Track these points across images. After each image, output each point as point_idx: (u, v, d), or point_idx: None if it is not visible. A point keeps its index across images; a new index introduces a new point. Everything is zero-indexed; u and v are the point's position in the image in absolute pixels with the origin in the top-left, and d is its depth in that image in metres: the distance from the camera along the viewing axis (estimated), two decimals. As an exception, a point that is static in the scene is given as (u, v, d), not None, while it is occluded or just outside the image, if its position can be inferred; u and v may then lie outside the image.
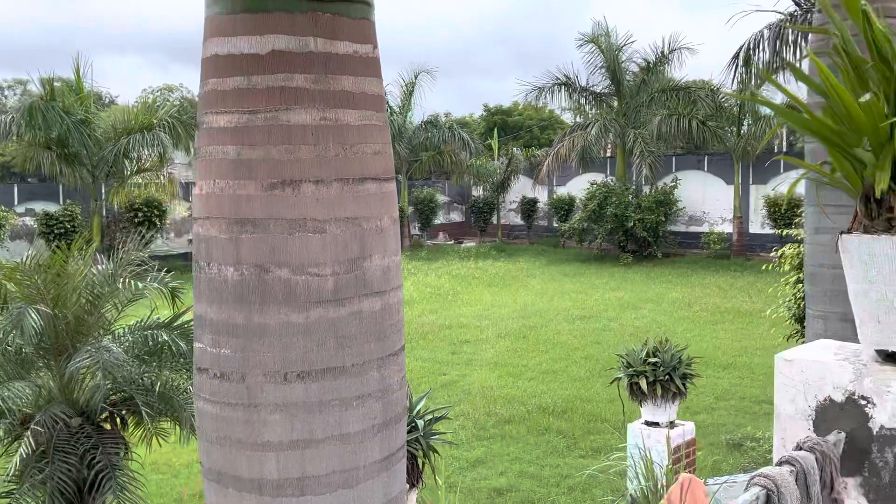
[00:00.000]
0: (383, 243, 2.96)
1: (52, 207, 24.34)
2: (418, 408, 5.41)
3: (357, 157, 2.86)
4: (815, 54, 2.76)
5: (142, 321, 6.65)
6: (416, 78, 31.43)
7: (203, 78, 2.88)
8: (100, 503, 5.72)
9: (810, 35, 8.72)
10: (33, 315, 5.53)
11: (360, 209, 2.88)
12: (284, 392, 2.79)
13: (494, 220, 34.70)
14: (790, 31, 12.40)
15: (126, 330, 6.56)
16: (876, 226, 2.59)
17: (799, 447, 2.53)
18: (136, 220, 24.30)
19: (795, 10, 12.16)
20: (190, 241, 26.79)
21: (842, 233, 2.65)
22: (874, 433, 2.56)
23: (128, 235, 22.81)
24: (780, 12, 12.44)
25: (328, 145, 2.80)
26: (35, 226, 24.06)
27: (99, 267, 6.57)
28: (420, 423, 5.17)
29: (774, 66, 13.00)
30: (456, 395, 12.35)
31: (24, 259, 6.33)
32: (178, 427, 6.38)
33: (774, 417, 2.82)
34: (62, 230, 23.33)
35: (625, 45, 27.95)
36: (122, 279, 6.35)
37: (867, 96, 2.36)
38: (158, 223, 25.01)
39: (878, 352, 2.62)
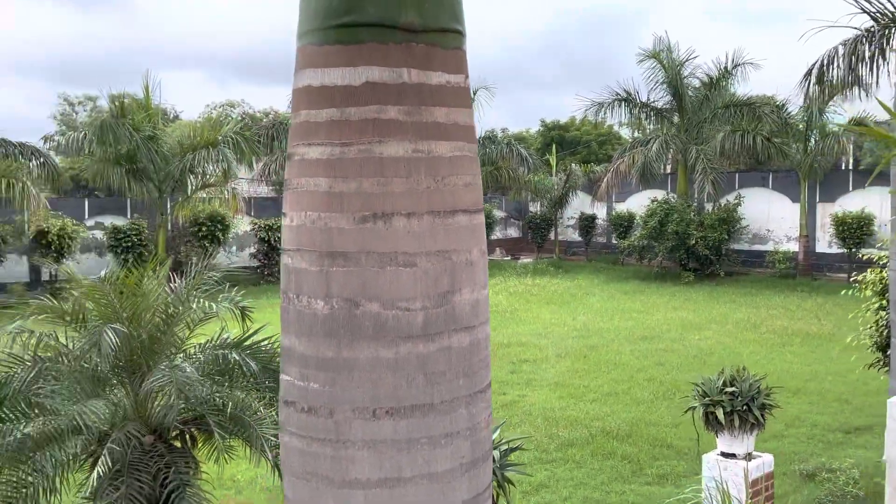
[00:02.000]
0: (473, 277, 2.90)
1: (120, 221, 24.96)
2: (493, 437, 5.31)
3: (449, 190, 2.81)
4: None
5: (212, 340, 6.70)
6: (474, 94, 31.50)
7: (295, 109, 2.86)
8: (171, 521, 5.75)
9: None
10: (110, 334, 5.60)
11: (451, 242, 2.82)
12: (373, 429, 2.73)
13: (552, 236, 34.46)
14: (866, 48, 12.03)
15: (197, 349, 6.62)
16: None
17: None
18: (199, 235, 24.74)
19: (872, 26, 11.75)
20: (252, 254, 27.19)
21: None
22: None
23: (192, 249, 23.23)
24: (856, 28, 12.03)
25: (420, 178, 2.75)
26: (104, 239, 24.68)
27: (172, 286, 6.64)
28: (496, 454, 5.08)
29: (850, 82, 12.62)
30: (516, 416, 12.21)
31: (101, 277, 6.43)
32: (246, 447, 6.38)
33: (887, 465, 2.66)
34: (129, 244, 23.90)
35: (687, 60, 27.57)
36: (194, 299, 6.41)
37: None
38: (221, 237, 25.42)
39: None
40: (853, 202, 25.78)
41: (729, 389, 6.34)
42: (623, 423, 11.74)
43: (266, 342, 6.66)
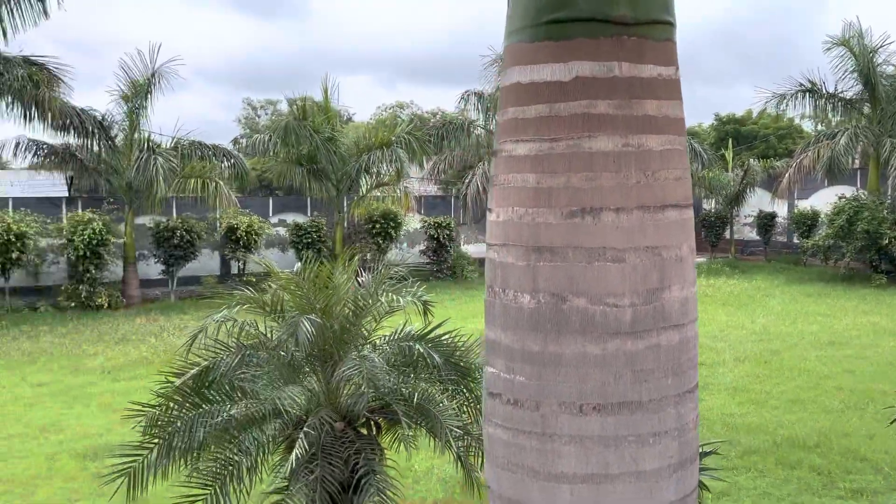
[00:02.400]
0: (682, 273, 2.83)
1: (300, 219, 26.34)
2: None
3: (659, 184, 2.76)
4: None
5: (397, 332, 6.93)
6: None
7: (503, 106, 2.90)
8: (359, 504, 6.00)
9: None
10: (307, 325, 5.91)
11: (661, 238, 2.76)
12: (580, 424, 2.73)
13: (727, 234, 33.01)
14: None
15: (384, 340, 6.86)
16: None
17: None
18: (373, 232, 25.66)
19: None
20: (422, 251, 27.88)
21: None
22: None
23: (366, 246, 24.12)
24: None
25: (630, 172, 2.72)
26: (286, 235, 26.13)
27: (360, 280, 6.93)
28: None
29: None
30: (694, 420, 11.80)
31: (296, 270, 6.82)
32: (430, 438, 6.55)
33: None
34: (309, 240, 25.16)
35: (881, 46, 25.55)
36: (382, 292, 6.65)
37: None
38: (394, 234, 26.24)
39: None
40: None
41: (943, 401, 5.83)
42: (810, 431, 11.05)
43: (447, 336, 6.81)
